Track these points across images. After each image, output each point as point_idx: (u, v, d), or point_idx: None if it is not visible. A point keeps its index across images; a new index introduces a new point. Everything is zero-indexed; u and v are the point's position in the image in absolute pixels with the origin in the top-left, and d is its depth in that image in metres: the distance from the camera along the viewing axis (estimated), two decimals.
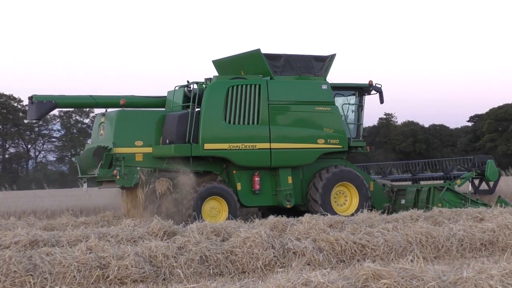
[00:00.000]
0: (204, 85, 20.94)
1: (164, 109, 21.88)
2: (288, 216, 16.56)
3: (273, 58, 21.64)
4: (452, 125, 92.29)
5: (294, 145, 21.18)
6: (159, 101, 22.28)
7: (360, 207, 21.12)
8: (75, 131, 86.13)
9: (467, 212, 17.40)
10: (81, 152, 21.89)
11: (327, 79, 22.19)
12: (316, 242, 13.09)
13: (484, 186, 23.43)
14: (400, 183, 24.37)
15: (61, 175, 79.18)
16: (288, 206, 21.10)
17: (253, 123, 20.76)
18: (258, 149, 20.70)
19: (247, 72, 21.64)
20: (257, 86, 20.97)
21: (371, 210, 19.63)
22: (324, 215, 17.50)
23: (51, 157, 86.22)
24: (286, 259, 12.41)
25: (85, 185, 21.89)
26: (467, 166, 23.20)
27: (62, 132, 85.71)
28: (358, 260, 12.75)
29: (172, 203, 19.87)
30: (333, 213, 20.30)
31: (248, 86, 20.85)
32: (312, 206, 21.24)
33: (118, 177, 19.90)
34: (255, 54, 21.54)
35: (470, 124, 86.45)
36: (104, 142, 20.52)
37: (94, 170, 20.42)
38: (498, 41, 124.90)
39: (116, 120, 20.46)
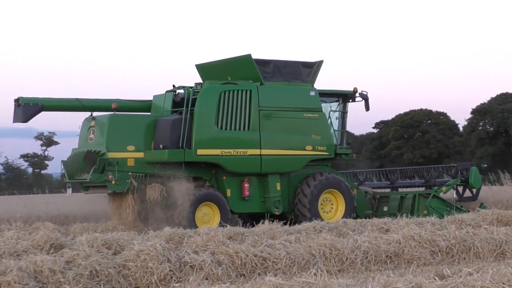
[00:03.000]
0: (192, 90, 21.61)
1: (154, 114, 22.51)
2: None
3: (262, 63, 22.58)
4: (357, 132, 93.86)
5: (283, 152, 22.29)
6: (145, 105, 23.00)
7: (346, 214, 22.11)
8: None
9: (372, 223, 17.71)
10: (68, 156, 22.23)
11: (314, 86, 23.17)
12: (214, 255, 13.08)
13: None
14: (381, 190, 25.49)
15: None
16: (277, 213, 22.05)
17: (243, 129, 21.81)
18: (249, 155, 21.77)
19: (234, 78, 22.39)
20: (248, 91, 21.94)
21: (355, 218, 20.74)
22: (311, 221, 18.88)
23: None
24: (183, 273, 12.35)
25: (69, 190, 22.11)
26: (451, 173, 24.49)
27: None
28: (259, 274, 12.79)
29: (165, 209, 20.62)
30: (321, 220, 20.94)
31: (240, 92, 21.83)
32: (300, 212, 22.17)
33: (113, 182, 20.49)
34: (245, 59, 22.42)
35: (375, 130, 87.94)
36: (95, 147, 21.08)
37: (83, 174, 21.07)
38: (406, 48, 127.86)
39: (108, 124, 21.12)
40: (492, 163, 72.98)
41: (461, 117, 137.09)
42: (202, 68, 23.78)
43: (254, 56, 22.42)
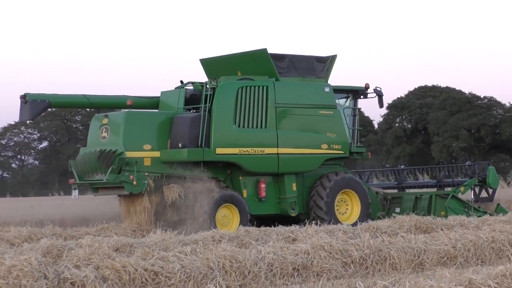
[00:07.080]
0: (209, 86, 22.51)
1: (167, 111, 23.33)
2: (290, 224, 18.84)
3: (277, 58, 23.75)
4: None
5: (300, 150, 23.53)
6: (153, 102, 24.10)
7: (362, 216, 23.46)
8: None
9: (278, 232, 17.81)
10: (77, 156, 22.95)
11: (328, 82, 24.44)
12: (99, 269, 12.97)
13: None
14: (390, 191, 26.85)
15: None
16: (293, 215, 23.25)
17: (261, 126, 23.03)
18: (267, 154, 22.99)
19: (246, 73, 23.44)
20: (265, 87, 23.10)
21: (372, 220, 21.88)
22: (328, 223, 20.24)
23: None
24: None
25: (75, 192, 22.80)
26: (468, 173, 25.92)
27: None
28: None
29: (183, 211, 21.64)
30: (337, 221, 22.19)
31: (257, 88, 22.99)
32: (316, 215, 23.27)
33: (135, 182, 21.43)
34: (261, 53, 23.51)
35: None
36: (110, 146, 21.96)
37: (96, 175, 22.04)
38: (311, 35, 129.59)
39: (125, 122, 22.11)
40: (410, 164, 74.08)
41: (375, 113, 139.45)
42: (207, 63, 24.85)
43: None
